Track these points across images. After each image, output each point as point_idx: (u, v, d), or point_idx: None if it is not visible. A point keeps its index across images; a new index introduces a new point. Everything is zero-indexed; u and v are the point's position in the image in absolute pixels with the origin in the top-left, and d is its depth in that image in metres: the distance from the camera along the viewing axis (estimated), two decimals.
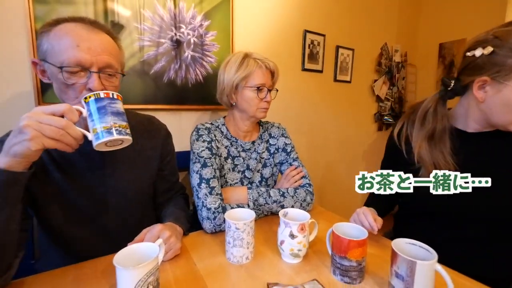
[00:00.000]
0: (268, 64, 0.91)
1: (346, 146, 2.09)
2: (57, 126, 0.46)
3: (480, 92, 0.64)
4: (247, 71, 0.87)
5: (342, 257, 0.56)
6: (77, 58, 0.55)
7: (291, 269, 0.62)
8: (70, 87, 0.57)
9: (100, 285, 0.55)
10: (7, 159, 0.46)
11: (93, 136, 0.50)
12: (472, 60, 0.64)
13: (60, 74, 0.55)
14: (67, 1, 0.93)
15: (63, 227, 0.66)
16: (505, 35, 0.59)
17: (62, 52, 0.55)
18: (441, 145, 0.70)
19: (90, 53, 0.56)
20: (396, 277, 0.50)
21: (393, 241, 0.53)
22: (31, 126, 0.44)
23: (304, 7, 1.62)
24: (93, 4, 0.98)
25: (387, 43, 2.19)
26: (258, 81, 0.89)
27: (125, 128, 0.53)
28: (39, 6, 0.89)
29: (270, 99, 0.94)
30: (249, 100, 0.90)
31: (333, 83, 1.88)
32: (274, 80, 0.96)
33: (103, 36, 0.61)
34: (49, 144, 0.46)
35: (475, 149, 0.69)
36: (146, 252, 0.51)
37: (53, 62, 0.56)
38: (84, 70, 0.57)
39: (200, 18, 1.22)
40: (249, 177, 0.96)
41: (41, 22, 0.89)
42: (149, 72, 1.12)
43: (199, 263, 0.63)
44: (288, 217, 0.66)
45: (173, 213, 0.77)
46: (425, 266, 0.47)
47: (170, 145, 0.86)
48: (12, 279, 0.54)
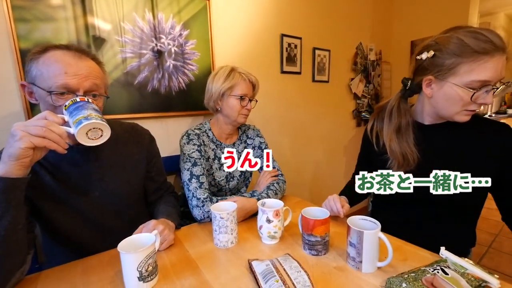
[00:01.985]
0: (251, 78, 1.09)
1: (327, 143, 2.24)
2: (40, 125, 0.53)
3: (428, 89, 0.77)
4: (233, 82, 1.05)
5: (309, 234, 0.68)
6: (65, 83, 0.63)
7: (269, 248, 0.74)
8: (57, 108, 0.64)
9: (106, 272, 0.65)
10: (3, 166, 0.53)
11: (74, 127, 0.57)
12: (420, 62, 0.78)
13: (48, 97, 0.63)
14: (48, 18, 0.98)
15: (66, 230, 0.75)
16: (443, 41, 0.72)
17: (51, 77, 0.63)
18: (407, 137, 0.83)
19: (77, 78, 0.65)
20: (350, 246, 0.62)
21: (348, 218, 0.65)
22: (19, 129, 0.52)
23: (280, 12, 1.73)
24: (74, 20, 1.04)
25: (362, 42, 2.35)
26: (242, 92, 1.06)
27: (102, 118, 0.60)
28: (21, 25, 0.94)
29: (251, 108, 1.12)
30: (233, 107, 1.07)
31: (312, 84, 2.01)
32: (255, 92, 1.15)
33: (89, 62, 0.69)
34: (37, 141, 0.53)
35: (432, 139, 0.82)
36: (145, 240, 0.61)
37: (42, 86, 0.63)
38: (71, 93, 0.65)
39: (179, 28, 1.30)
40: (231, 172, 1.13)
41: (24, 40, 0.95)
42: (133, 82, 1.19)
43: (191, 249, 0.74)
44: (265, 206, 0.78)
45: (165, 210, 0.87)
46: (370, 234, 0.59)
47: (155, 148, 0.95)
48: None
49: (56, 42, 0.82)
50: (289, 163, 1.94)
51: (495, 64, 0.65)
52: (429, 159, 0.79)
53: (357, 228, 0.60)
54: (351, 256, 0.63)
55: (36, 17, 0.96)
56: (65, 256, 0.72)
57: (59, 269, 0.67)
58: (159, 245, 0.70)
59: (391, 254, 0.59)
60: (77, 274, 0.64)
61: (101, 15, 1.09)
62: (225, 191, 1.14)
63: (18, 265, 0.59)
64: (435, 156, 0.79)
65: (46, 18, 0.98)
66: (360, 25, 2.34)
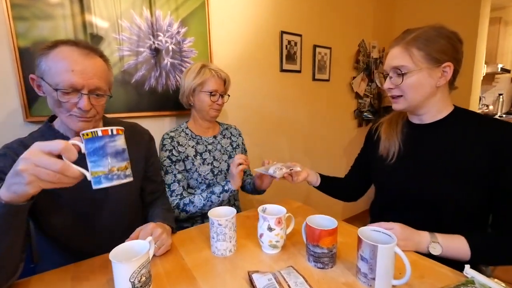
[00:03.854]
0: (221, 74, 1.16)
1: (327, 144, 2.26)
2: (54, 170, 0.47)
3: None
4: (203, 78, 1.12)
5: (314, 245, 0.64)
6: (71, 82, 0.66)
7: (270, 259, 0.71)
8: (63, 103, 0.68)
9: (98, 280, 0.64)
10: (8, 194, 0.50)
11: (92, 179, 0.52)
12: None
13: (54, 93, 0.67)
14: (46, 16, 1.01)
15: (63, 230, 0.77)
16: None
17: (58, 74, 0.66)
18: (397, 130, 0.89)
19: (83, 77, 0.68)
20: (362, 260, 0.58)
21: (359, 229, 0.61)
22: (28, 171, 0.46)
23: (279, 8, 1.75)
24: (71, 18, 1.06)
25: (364, 39, 2.36)
26: (212, 87, 1.13)
27: (125, 170, 0.56)
28: (19, 23, 0.97)
29: (222, 102, 1.19)
30: (203, 102, 1.14)
31: (312, 82, 2.03)
32: (226, 86, 1.21)
33: (96, 60, 0.72)
34: (47, 186, 0.49)
35: (420, 139, 0.86)
36: (138, 248, 0.60)
37: (49, 82, 0.67)
38: (76, 91, 0.68)
39: (177, 25, 1.32)
40: (217, 166, 1.18)
41: (23, 38, 0.98)
42: (130, 81, 1.22)
43: (186, 257, 0.73)
44: (266, 212, 0.76)
45: (161, 213, 0.89)
46: (385, 249, 0.54)
47: (153, 148, 0.99)
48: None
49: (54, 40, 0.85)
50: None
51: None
52: (412, 156, 0.84)
53: (370, 242, 0.56)
54: (362, 271, 0.59)
55: (34, 15, 0.99)
56: (59, 255, 0.74)
57: (49, 274, 0.67)
58: (156, 250, 0.71)
59: (409, 271, 0.54)
60: (68, 281, 0.64)
61: (98, 13, 1.12)
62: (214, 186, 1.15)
63: (11, 274, 0.59)
64: (418, 155, 0.83)
65: (44, 16, 1.01)
66: (362, 21, 2.34)
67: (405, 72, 0.76)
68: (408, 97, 0.79)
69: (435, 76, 0.76)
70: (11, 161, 0.66)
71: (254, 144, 1.70)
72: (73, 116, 0.70)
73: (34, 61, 0.71)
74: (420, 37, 0.75)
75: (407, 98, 0.79)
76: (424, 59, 0.75)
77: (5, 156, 0.69)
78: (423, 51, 0.74)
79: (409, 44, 0.76)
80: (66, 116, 0.71)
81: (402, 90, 0.79)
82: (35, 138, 0.75)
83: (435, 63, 0.75)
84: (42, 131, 0.78)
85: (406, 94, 0.79)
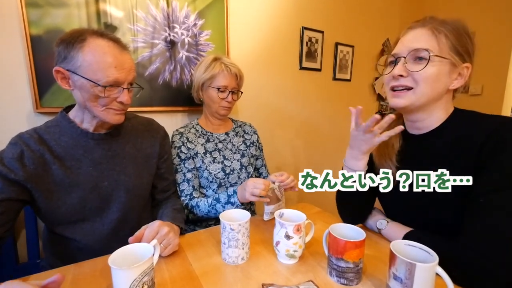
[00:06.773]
0: (233, 69, 1.11)
1: (345, 147, 2.18)
2: None
3: None
4: (212, 73, 1.08)
5: (338, 258, 0.59)
6: (115, 77, 0.71)
7: (287, 270, 0.66)
8: (101, 98, 0.71)
9: (98, 284, 0.62)
10: None
11: None
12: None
13: (94, 88, 0.69)
14: (59, 3, 1.00)
15: (69, 221, 0.76)
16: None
17: (101, 70, 0.69)
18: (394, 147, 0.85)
19: (124, 72, 0.72)
20: (394, 279, 0.52)
21: (391, 242, 0.55)
22: None
23: (301, 3, 1.71)
24: (86, 6, 1.05)
25: (389, 38, 2.30)
26: (221, 83, 1.09)
27: None
28: (32, 10, 0.96)
29: (232, 100, 1.13)
30: (212, 98, 1.11)
31: (332, 82, 1.98)
32: (238, 82, 1.16)
33: (128, 55, 0.76)
34: None
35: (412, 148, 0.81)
36: (141, 252, 0.56)
37: (88, 77, 0.68)
38: (116, 86, 0.73)
39: (194, 17, 1.30)
40: (228, 165, 1.14)
41: (35, 26, 0.97)
42: (143, 74, 1.20)
43: (194, 263, 0.69)
44: (284, 218, 0.71)
45: (170, 213, 0.87)
46: (425, 268, 0.48)
47: (167, 145, 1.00)
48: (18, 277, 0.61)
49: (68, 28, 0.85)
50: (302, 165, 1.92)
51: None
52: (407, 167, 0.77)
53: (407, 259, 0.50)
54: None
55: (48, 2, 0.98)
56: (64, 253, 0.73)
57: (49, 274, 0.64)
58: (162, 250, 0.69)
59: None
60: (67, 285, 0.62)
61: (113, 2, 1.11)
62: (225, 186, 1.12)
63: None
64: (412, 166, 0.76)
65: (58, 3, 1.00)
66: (387, 19, 2.28)
67: (430, 56, 0.65)
68: (419, 90, 0.68)
69: (453, 75, 0.68)
70: (19, 151, 0.69)
71: (268, 143, 1.66)
72: (110, 110, 0.75)
73: (54, 52, 0.71)
74: (449, 25, 0.67)
75: (417, 92, 0.68)
76: (451, 51, 0.66)
77: (15, 145, 0.71)
78: (450, 41, 0.66)
79: (438, 29, 0.67)
80: (102, 110, 0.74)
81: (415, 80, 0.68)
82: (50, 127, 0.77)
83: (459, 59, 0.67)
84: (58, 121, 0.79)
85: (419, 86, 0.68)
